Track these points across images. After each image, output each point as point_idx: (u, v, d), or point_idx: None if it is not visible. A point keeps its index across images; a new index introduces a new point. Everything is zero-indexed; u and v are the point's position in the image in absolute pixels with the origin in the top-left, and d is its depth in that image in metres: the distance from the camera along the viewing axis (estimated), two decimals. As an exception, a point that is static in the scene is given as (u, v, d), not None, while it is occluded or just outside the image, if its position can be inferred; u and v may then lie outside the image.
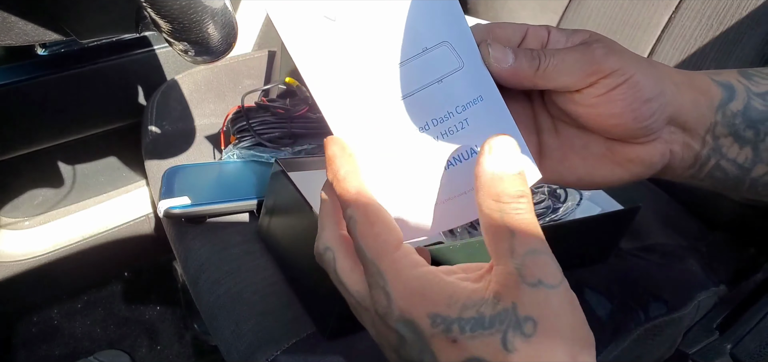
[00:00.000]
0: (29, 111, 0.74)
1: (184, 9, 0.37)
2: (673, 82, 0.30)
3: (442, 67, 0.26)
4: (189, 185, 0.61)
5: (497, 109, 0.27)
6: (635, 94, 0.29)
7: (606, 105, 0.29)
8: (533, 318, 0.23)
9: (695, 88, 0.31)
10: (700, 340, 0.57)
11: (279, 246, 0.54)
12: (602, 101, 0.29)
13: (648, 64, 0.30)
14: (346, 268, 0.27)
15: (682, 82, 0.31)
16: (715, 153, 0.32)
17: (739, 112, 0.31)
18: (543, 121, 0.33)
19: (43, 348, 0.90)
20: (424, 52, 0.26)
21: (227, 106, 0.77)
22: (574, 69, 0.29)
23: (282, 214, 0.53)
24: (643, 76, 0.29)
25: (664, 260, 0.64)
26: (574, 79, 0.29)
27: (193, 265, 0.56)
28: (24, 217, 0.82)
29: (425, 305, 0.24)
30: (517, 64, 0.28)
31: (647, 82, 0.29)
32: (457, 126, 0.27)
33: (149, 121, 0.73)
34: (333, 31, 0.25)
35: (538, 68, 0.28)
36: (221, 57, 0.43)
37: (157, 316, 0.97)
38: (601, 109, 0.29)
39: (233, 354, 0.48)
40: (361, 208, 0.25)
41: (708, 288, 0.61)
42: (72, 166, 0.83)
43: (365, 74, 0.27)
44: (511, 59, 0.28)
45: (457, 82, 0.27)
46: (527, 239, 0.24)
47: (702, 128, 0.31)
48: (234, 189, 0.60)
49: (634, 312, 0.55)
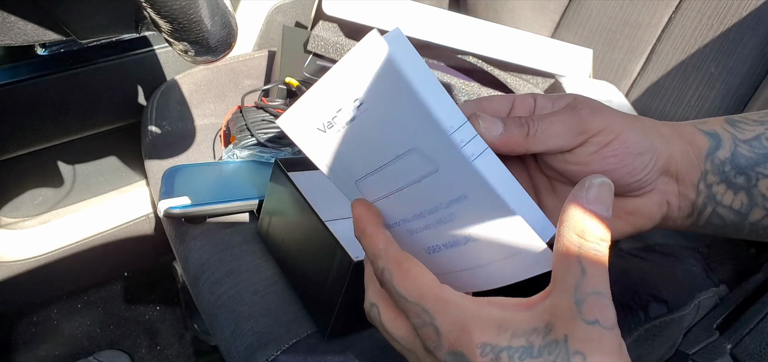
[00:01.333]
0: (29, 111, 0.74)
1: (183, 9, 0.37)
2: (661, 134, 0.31)
3: (416, 171, 0.27)
4: (189, 185, 0.61)
5: (489, 202, 0.26)
6: (626, 149, 0.30)
7: (599, 162, 0.30)
8: (583, 354, 0.23)
9: (683, 138, 0.32)
10: (700, 340, 0.57)
11: (279, 246, 0.54)
12: (595, 159, 0.30)
13: (634, 119, 0.31)
14: (389, 318, 0.28)
15: (669, 133, 0.32)
16: (710, 201, 0.32)
17: (727, 160, 0.32)
18: (540, 182, 0.33)
19: (42, 348, 0.90)
20: (396, 158, 0.27)
21: (227, 106, 0.77)
22: (562, 131, 0.30)
23: (282, 214, 0.53)
24: (631, 131, 0.30)
25: (664, 260, 0.64)
26: (564, 141, 0.30)
27: (193, 265, 0.56)
28: (24, 217, 0.82)
29: (474, 335, 0.24)
30: (508, 132, 0.29)
31: (636, 136, 0.30)
32: (445, 218, 0.28)
33: (149, 120, 0.73)
34: (327, 137, 0.28)
35: (527, 134, 0.30)
36: (221, 57, 0.43)
37: (157, 316, 0.97)
38: (594, 166, 0.30)
39: (233, 353, 0.48)
40: (391, 259, 0.27)
41: (708, 288, 0.61)
42: (72, 166, 0.83)
43: (357, 171, 0.29)
44: (500, 128, 0.29)
45: (434, 183, 0.27)
46: (596, 281, 0.24)
47: (694, 177, 0.32)
48: (234, 190, 0.60)
49: (634, 312, 0.55)
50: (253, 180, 0.62)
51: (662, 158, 0.31)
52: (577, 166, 0.30)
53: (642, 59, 0.78)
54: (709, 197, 0.32)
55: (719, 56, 0.71)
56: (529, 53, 0.76)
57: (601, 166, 0.30)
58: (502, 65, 0.76)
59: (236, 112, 0.68)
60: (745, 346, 0.53)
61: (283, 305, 0.50)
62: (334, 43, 0.72)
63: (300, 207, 0.48)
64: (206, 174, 0.63)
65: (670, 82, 0.75)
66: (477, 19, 0.77)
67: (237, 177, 0.63)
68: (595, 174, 0.26)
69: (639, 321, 0.55)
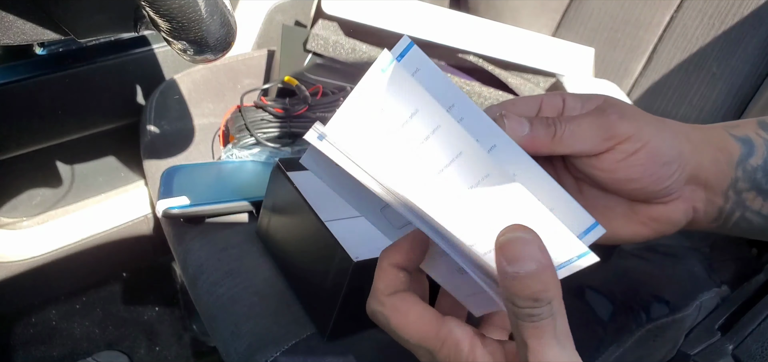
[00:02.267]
0: (27, 110, 0.73)
1: (182, 8, 0.37)
2: (690, 142, 0.31)
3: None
4: (188, 185, 0.60)
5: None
6: (653, 158, 0.29)
7: (625, 170, 0.30)
8: None
9: (713, 145, 0.31)
10: (701, 341, 0.57)
11: (278, 246, 0.54)
12: (621, 167, 0.29)
13: (663, 126, 0.30)
14: (400, 325, 0.29)
15: (699, 139, 0.31)
16: (738, 206, 0.32)
17: (759, 167, 0.31)
18: (566, 181, 0.33)
19: (41, 349, 0.89)
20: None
21: (226, 105, 0.76)
22: (588, 135, 0.29)
23: (282, 215, 0.53)
24: (660, 139, 0.29)
25: (666, 261, 0.64)
26: (590, 145, 0.29)
27: (192, 266, 0.56)
28: (22, 217, 0.82)
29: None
30: (534, 133, 0.29)
31: (664, 145, 0.29)
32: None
33: (148, 120, 0.73)
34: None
35: (554, 135, 0.29)
36: (220, 56, 0.43)
37: (155, 317, 0.97)
38: (620, 174, 0.30)
39: (232, 355, 0.48)
40: (388, 306, 0.29)
41: (710, 288, 0.61)
42: (70, 166, 0.83)
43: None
44: (526, 128, 0.29)
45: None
46: (538, 353, 0.24)
47: (723, 184, 0.31)
48: (233, 189, 0.60)
49: (635, 312, 0.55)
50: (252, 180, 0.62)
51: (690, 166, 0.30)
52: (603, 173, 0.30)
53: (643, 59, 0.78)
54: (738, 203, 0.32)
55: (721, 55, 0.70)
56: (531, 52, 0.75)
57: (626, 174, 0.30)
58: (504, 64, 0.76)
59: (235, 112, 0.68)
60: (746, 347, 0.53)
61: (282, 306, 0.49)
62: (333, 42, 0.72)
63: (300, 207, 0.48)
64: (205, 174, 0.63)
65: (671, 82, 0.74)
66: (478, 18, 0.76)
67: (236, 177, 0.63)
68: (506, 228, 0.25)
69: (640, 321, 0.54)
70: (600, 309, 0.54)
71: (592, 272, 0.60)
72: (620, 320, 0.54)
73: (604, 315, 0.53)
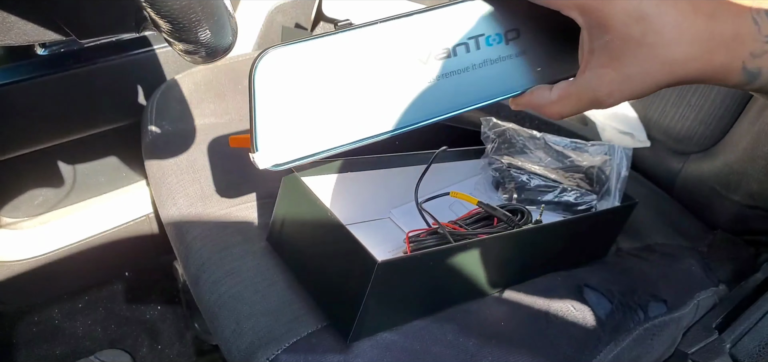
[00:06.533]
0: (29, 111, 0.74)
1: (184, 9, 0.37)
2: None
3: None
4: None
5: None
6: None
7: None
8: None
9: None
10: (699, 340, 0.57)
11: (294, 252, 0.53)
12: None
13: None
14: None
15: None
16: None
17: None
18: None
19: (43, 348, 0.90)
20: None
21: (227, 106, 0.77)
22: None
23: (297, 219, 0.53)
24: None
25: (663, 260, 0.64)
26: None
27: (193, 265, 0.56)
28: (24, 217, 0.82)
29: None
30: None
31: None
32: None
33: (149, 120, 0.73)
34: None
35: None
36: (221, 57, 0.43)
37: (157, 316, 0.97)
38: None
39: (234, 353, 0.48)
40: None
41: (707, 288, 0.61)
42: (72, 166, 0.83)
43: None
44: None
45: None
46: None
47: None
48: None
49: (633, 311, 0.55)
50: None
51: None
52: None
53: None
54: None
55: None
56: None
57: None
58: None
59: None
60: (744, 346, 0.53)
61: (283, 304, 0.50)
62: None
63: (318, 212, 0.48)
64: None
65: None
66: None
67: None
68: None
69: (638, 320, 0.55)
70: (598, 308, 0.54)
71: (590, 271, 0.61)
72: (618, 319, 0.54)
73: (603, 314, 0.53)
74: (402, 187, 0.59)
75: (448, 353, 0.46)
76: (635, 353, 0.54)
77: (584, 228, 0.59)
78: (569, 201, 0.62)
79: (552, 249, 0.56)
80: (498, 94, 0.36)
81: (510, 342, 0.48)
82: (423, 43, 0.34)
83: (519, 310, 0.51)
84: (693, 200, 0.73)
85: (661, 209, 0.72)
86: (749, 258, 0.66)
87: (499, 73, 0.36)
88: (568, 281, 0.56)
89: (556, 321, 0.51)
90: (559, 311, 0.52)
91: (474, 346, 0.47)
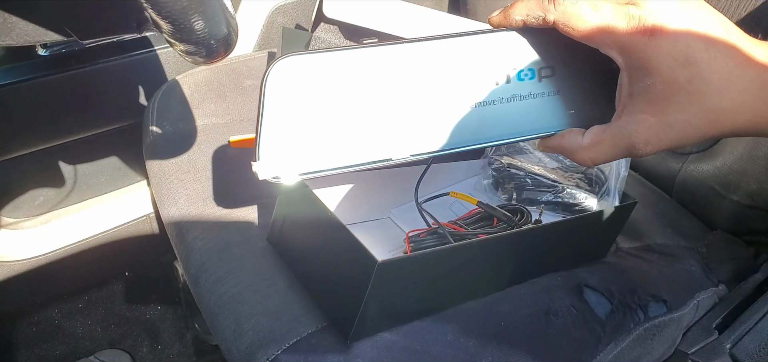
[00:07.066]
0: (30, 111, 0.74)
1: (184, 10, 0.37)
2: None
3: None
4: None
5: None
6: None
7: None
8: None
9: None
10: (699, 340, 0.57)
11: (295, 250, 0.54)
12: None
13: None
14: None
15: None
16: None
17: None
18: None
19: (43, 348, 0.90)
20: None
21: (228, 106, 0.77)
22: None
23: (297, 219, 0.53)
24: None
25: (663, 260, 0.64)
26: None
27: (194, 265, 0.56)
28: (25, 217, 0.82)
29: None
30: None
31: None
32: None
33: (150, 121, 0.73)
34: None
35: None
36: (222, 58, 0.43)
37: (157, 316, 0.97)
38: None
39: (234, 353, 0.48)
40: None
41: (707, 288, 0.61)
42: (73, 166, 0.84)
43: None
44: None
45: None
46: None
47: None
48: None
49: (633, 312, 0.55)
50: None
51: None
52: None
53: (641, 60, 0.78)
54: None
55: (718, 57, 0.70)
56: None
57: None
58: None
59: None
60: (744, 346, 0.53)
61: (284, 304, 0.50)
62: (335, 46, 0.73)
63: (319, 212, 0.48)
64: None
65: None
66: (476, 22, 0.77)
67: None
68: None
69: (638, 320, 0.55)
70: (598, 308, 0.54)
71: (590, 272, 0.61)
72: (618, 319, 0.54)
73: (602, 314, 0.54)
74: (402, 187, 0.59)
75: (448, 353, 0.46)
76: (635, 353, 0.54)
77: (584, 228, 0.59)
78: (569, 202, 0.62)
79: (552, 249, 0.56)
80: (525, 133, 0.34)
81: (510, 342, 0.48)
82: (449, 69, 0.32)
83: (519, 310, 0.51)
84: (692, 200, 0.73)
85: (660, 209, 0.72)
86: (749, 258, 0.66)
87: (529, 111, 0.33)
88: (568, 281, 0.56)
89: (556, 321, 0.51)
90: (559, 311, 0.52)
91: (474, 346, 0.47)
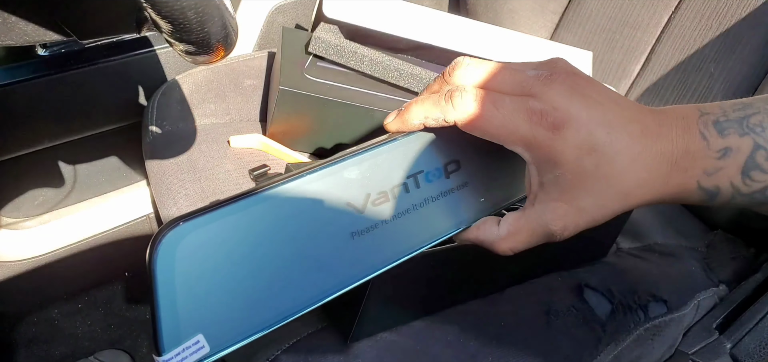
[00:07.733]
0: (30, 111, 0.74)
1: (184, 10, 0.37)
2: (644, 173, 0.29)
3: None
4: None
5: None
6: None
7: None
8: None
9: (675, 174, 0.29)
10: (699, 340, 0.57)
11: None
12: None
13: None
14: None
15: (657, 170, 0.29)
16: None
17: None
18: None
19: (43, 348, 0.90)
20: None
21: (228, 106, 0.77)
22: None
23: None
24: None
25: (663, 260, 0.64)
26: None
27: (193, 265, 0.56)
28: (24, 217, 0.82)
29: None
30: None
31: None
32: None
33: (150, 121, 0.73)
34: None
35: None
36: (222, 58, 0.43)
37: (157, 316, 0.97)
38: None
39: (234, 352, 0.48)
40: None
41: (708, 288, 0.61)
42: (72, 166, 0.84)
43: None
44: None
45: None
46: None
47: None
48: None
49: (633, 312, 0.55)
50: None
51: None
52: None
53: (641, 60, 0.78)
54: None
55: (719, 56, 0.71)
56: (529, 56, 0.76)
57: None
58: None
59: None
60: (744, 346, 0.53)
61: (283, 305, 0.50)
62: (335, 45, 0.72)
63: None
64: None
65: (669, 83, 0.75)
66: (477, 22, 0.77)
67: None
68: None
69: (638, 320, 0.55)
70: (598, 309, 0.54)
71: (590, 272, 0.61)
72: (618, 319, 0.54)
73: (603, 314, 0.53)
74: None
75: (448, 353, 0.46)
76: (636, 353, 0.54)
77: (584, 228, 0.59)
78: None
79: (552, 249, 0.56)
80: (443, 233, 0.33)
81: (510, 342, 0.48)
82: (356, 190, 0.29)
83: (519, 310, 0.51)
84: (693, 200, 0.73)
85: (660, 209, 0.72)
86: (749, 258, 0.66)
87: (442, 209, 0.33)
88: (568, 281, 0.56)
89: (557, 321, 0.51)
90: (559, 311, 0.52)
91: (474, 347, 0.47)
